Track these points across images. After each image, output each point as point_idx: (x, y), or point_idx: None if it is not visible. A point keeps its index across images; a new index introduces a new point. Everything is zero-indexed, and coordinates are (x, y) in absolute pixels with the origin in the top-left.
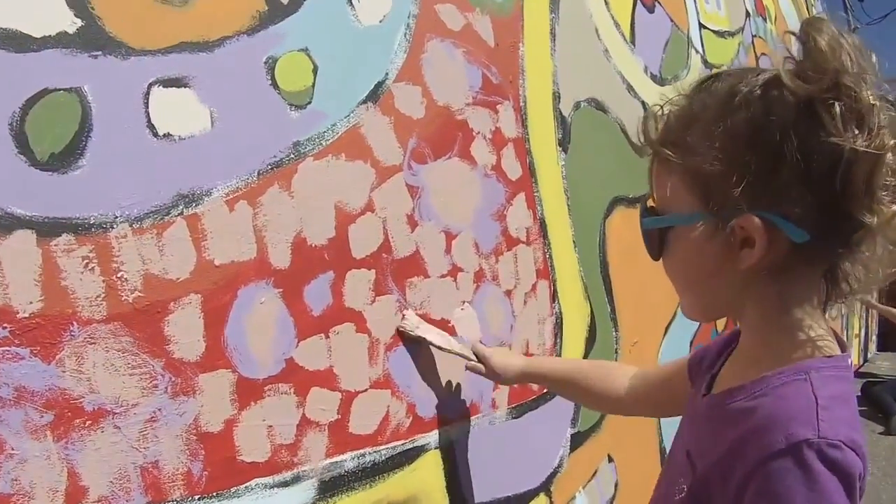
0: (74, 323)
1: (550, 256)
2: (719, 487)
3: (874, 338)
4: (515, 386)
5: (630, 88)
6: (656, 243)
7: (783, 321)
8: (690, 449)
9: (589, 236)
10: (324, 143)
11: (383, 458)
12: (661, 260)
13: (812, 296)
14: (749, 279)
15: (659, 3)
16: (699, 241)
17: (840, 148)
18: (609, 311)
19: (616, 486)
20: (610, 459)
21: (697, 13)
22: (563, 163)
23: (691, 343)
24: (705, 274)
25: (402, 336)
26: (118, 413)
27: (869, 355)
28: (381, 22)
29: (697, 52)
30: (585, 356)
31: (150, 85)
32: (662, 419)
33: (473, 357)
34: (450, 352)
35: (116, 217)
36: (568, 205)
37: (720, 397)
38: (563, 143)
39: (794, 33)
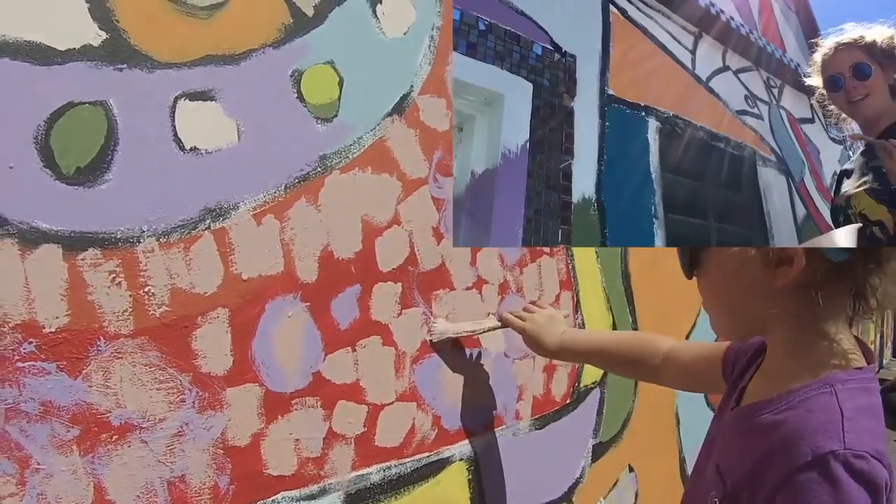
0: (101, 337)
1: (573, 267)
2: (749, 500)
3: (889, 344)
4: (539, 397)
5: None
6: (689, 261)
7: (813, 336)
8: (720, 463)
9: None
10: (350, 157)
11: (409, 470)
12: (693, 278)
13: (842, 310)
14: (783, 296)
15: None
16: (736, 259)
17: None
18: (630, 322)
19: (636, 495)
20: (630, 469)
21: None
22: None
23: None
24: (741, 291)
25: (432, 345)
26: (145, 427)
27: (885, 362)
28: (405, 34)
29: None
30: None
31: (176, 98)
32: (682, 430)
33: (498, 324)
34: (483, 331)
35: (143, 231)
36: None
37: (748, 410)
38: None
39: None
